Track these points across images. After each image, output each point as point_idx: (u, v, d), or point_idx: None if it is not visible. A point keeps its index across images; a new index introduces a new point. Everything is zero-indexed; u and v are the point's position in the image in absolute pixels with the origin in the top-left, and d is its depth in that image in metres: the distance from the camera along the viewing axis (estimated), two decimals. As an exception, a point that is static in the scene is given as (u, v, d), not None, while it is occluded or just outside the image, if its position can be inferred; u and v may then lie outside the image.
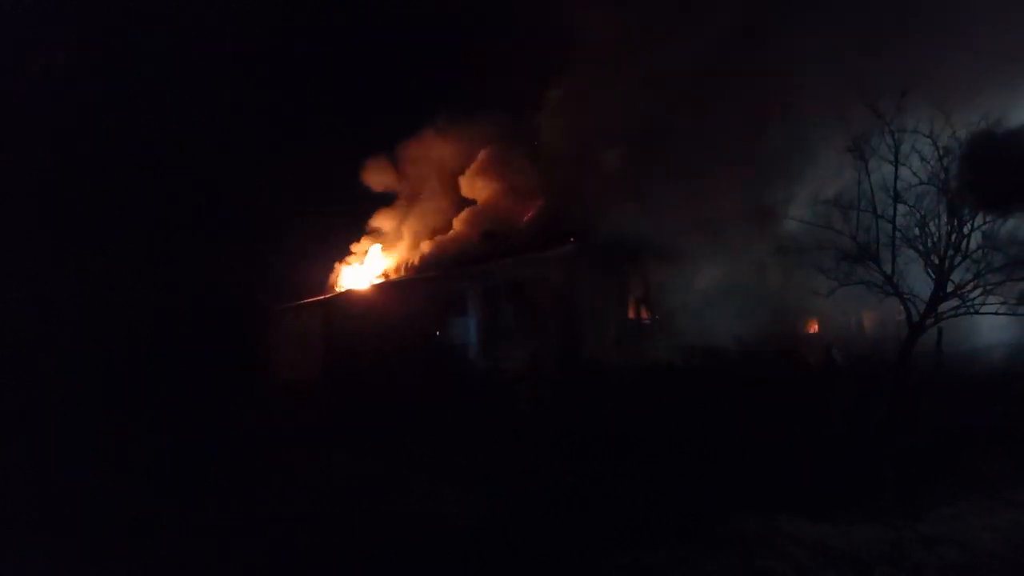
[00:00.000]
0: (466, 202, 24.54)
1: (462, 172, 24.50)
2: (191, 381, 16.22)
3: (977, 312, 13.03)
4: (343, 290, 23.22)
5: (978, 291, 12.70)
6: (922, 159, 12.92)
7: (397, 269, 23.88)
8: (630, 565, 7.81)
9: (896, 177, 13.09)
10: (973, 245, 12.86)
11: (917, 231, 13.09)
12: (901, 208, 13.19)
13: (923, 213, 13.06)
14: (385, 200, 25.27)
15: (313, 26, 25.26)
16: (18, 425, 11.82)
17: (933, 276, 13.01)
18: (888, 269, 13.03)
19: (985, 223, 12.77)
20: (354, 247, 24.60)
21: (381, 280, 23.32)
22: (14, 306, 13.06)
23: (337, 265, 24.39)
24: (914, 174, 13.08)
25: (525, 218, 23.74)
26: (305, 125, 26.15)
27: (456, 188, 24.65)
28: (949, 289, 12.83)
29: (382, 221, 25.00)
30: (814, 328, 22.04)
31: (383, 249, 24.61)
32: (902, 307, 13.48)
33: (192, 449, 12.21)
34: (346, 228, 24.67)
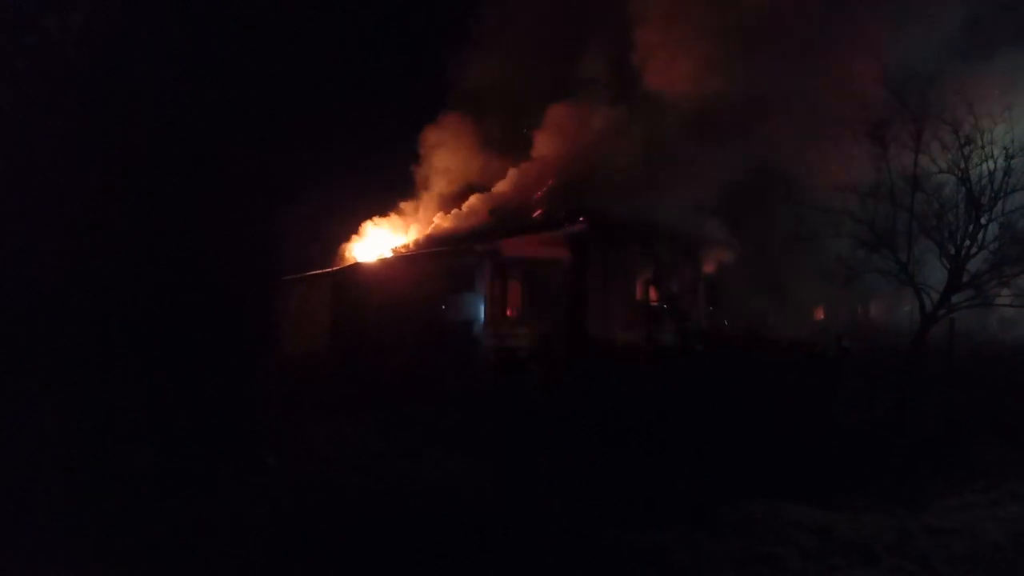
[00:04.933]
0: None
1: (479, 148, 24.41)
2: (194, 353, 16.12)
3: (992, 304, 12.96)
4: (351, 263, 23.20)
5: (993, 282, 12.62)
6: (943, 147, 12.79)
7: (406, 244, 23.80)
8: (636, 545, 7.81)
9: (916, 164, 12.97)
10: (990, 236, 12.77)
11: (934, 220, 12.99)
12: (919, 196, 13.09)
13: (941, 202, 12.96)
14: (397, 173, 25.17)
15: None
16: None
17: (948, 266, 12.92)
18: (903, 258, 12.95)
19: (1003, 214, 12.67)
20: (364, 220, 24.53)
21: (389, 254, 23.27)
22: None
23: (346, 238, 24.34)
24: (933, 162, 12.96)
25: (536, 196, 23.60)
26: (319, 95, 25.94)
27: (470, 165, 24.53)
28: (964, 279, 12.75)
29: (393, 195, 24.93)
30: (821, 315, 22.02)
31: (393, 223, 24.54)
32: (913, 297, 13.41)
33: (193, 421, 12.14)
34: (356, 200, 24.57)
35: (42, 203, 12.52)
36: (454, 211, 23.88)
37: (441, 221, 23.76)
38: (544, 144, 22.50)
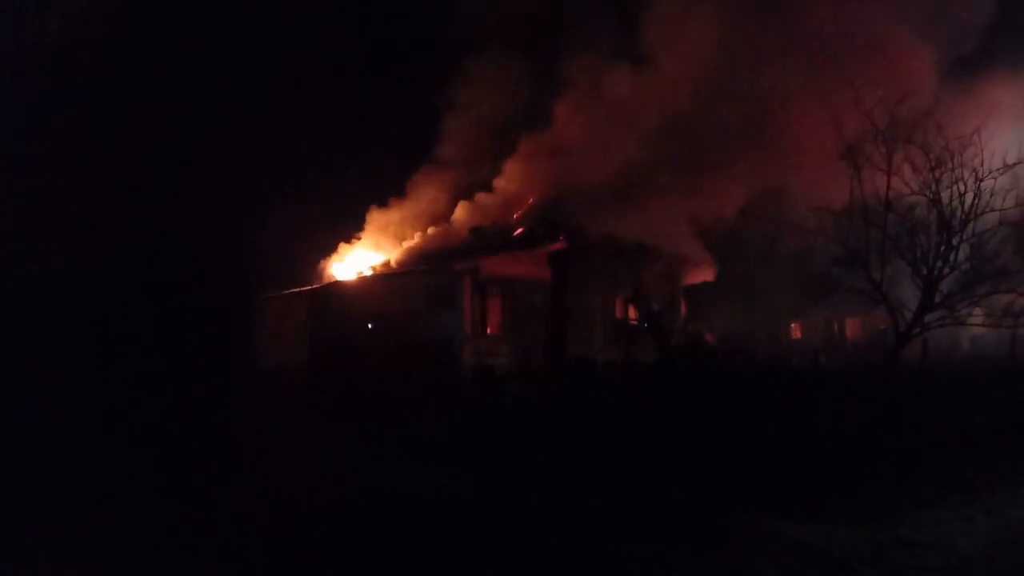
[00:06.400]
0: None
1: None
2: (176, 367, 16.03)
3: (963, 323, 13.20)
4: (329, 281, 23.12)
5: (965, 302, 12.87)
6: (914, 169, 13.09)
7: (386, 261, 23.77)
8: (613, 559, 7.82)
9: (888, 186, 13.24)
10: (961, 257, 13.04)
11: (907, 240, 13.26)
12: (891, 217, 13.36)
13: (913, 223, 13.24)
14: (377, 191, 25.21)
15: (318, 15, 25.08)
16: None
17: (921, 286, 13.17)
18: (877, 277, 13.18)
19: (974, 235, 12.95)
20: (342, 238, 24.49)
21: (368, 272, 23.22)
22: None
23: (325, 256, 24.26)
24: (906, 184, 13.25)
25: (516, 215, 23.73)
26: (299, 114, 25.97)
27: (449, 182, 24.65)
28: (937, 299, 12.99)
29: (374, 213, 24.91)
30: (797, 333, 22.29)
31: (373, 241, 24.50)
32: (886, 315, 13.63)
33: (174, 433, 12.03)
34: (336, 218, 24.55)
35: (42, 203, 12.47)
36: (434, 229, 23.93)
37: (421, 239, 23.79)
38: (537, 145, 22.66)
